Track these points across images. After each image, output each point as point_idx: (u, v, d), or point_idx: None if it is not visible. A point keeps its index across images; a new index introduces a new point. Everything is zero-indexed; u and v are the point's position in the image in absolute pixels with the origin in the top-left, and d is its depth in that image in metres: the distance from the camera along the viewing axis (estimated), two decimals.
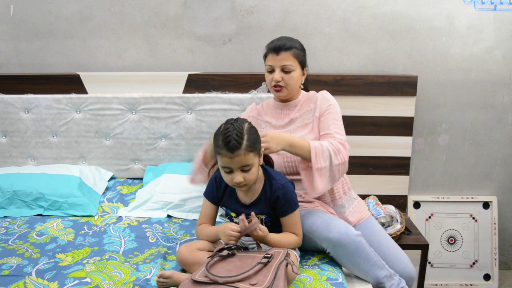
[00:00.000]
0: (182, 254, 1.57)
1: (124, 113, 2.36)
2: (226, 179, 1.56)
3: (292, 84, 1.80)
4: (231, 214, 1.67)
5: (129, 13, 2.40)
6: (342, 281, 1.54)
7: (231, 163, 1.50)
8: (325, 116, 1.81)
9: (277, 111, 1.91)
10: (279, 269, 1.39)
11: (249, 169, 1.52)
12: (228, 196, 1.66)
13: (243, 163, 1.50)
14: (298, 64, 1.81)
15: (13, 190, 2.11)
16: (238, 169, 1.51)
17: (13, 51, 2.46)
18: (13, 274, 1.58)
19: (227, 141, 1.47)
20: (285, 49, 1.78)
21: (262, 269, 1.39)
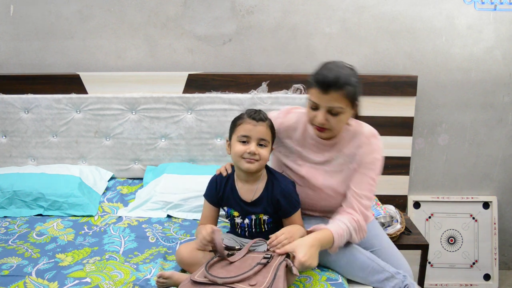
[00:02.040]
0: (182, 254, 1.57)
1: (124, 113, 2.36)
2: (238, 149, 1.56)
3: (339, 128, 1.56)
4: (233, 214, 1.66)
5: (129, 13, 2.40)
6: (342, 282, 1.54)
7: (252, 131, 1.55)
8: (364, 171, 1.61)
9: (314, 142, 1.67)
10: (278, 269, 1.38)
11: (264, 145, 1.57)
12: (230, 194, 1.65)
13: (263, 134, 1.56)
14: (349, 104, 1.50)
15: (13, 190, 2.11)
16: (256, 140, 1.56)
17: (13, 51, 2.46)
18: (13, 274, 1.58)
19: (254, 112, 1.59)
20: (337, 87, 1.46)
21: (262, 270, 1.38)
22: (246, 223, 1.65)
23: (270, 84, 2.35)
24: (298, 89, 2.35)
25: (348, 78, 1.48)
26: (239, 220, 1.65)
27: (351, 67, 1.54)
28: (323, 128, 1.53)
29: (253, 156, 1.54)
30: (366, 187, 1.60)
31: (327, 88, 1.46)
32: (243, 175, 1.63)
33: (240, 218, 1.65)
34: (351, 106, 1.51)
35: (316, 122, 1.52)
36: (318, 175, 1.67)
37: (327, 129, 1.53)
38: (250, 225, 1.65)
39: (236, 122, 1.60)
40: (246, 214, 1.63)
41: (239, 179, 1.65)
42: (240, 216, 1.65)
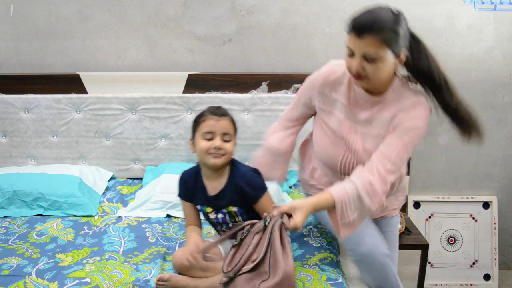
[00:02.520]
0: (178, 259, 1.55)
1: (124, 113, 2.36)
2: (203, 146, 1.59)
3: (378, 77, 1.39)
4: (207, 210, 1.68)
5: (129, 13, 2.40)
6: (342, 281, 1.54)
7: (215, 126, 1.58)
8: (398, 134, 1.44)
9: (358, 96, 1.51)
10: (273, 231, 1.32)
11: (228, 139, 1.60)
12: (200, 192, 1.67)
13: (226, 129, 1.59)
14: (387, 51, 1.35)
15: (13, 190, 2.11)
16: (220, 135, 1.58)
17: (13, 51, 2.45)
18: (13, 274, 1.58)
19: (215, 108, 1.62)
20: (372, 31, 1.33)
21: (261, 239, 1.35)
22: (221, 218, 1.66)
23: (270, 84, 2.35)
24: (298, 89, 2.34)
25: (387, 22, 1.33)
26: (213, 215, 1.67)
27: (396, 12, 1.38)
28: (360, 76, 1.39)
29: (219, 151, 1.57)
30: (395, 150, 1.42)
31: (362, 32, 1.34)
32: (209, 172, 1.65)
33: (214, 213, 1.67)
34: (393, 54, 1.36)
35: (352, 69, 1.39)
36: (357, 136, 1.53)
37: (364, 78, 1.39)
38: (224, 219, 1.67)
39: (199, 119, 1.62)
40: (217, 208, 1.65)
41: (206, 176, 1.67)
42: (213, 212, 1.67)
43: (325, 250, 1.74)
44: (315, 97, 1.61)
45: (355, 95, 1.51)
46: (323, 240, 1.83)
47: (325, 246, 1.78)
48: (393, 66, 1.39)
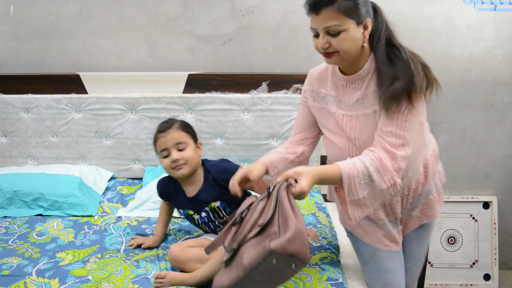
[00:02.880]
0: (174, 253, 1.59)
1: (124, 113, 2.36)
2: (164, 164, 1.66)
3: (345, 49, 1.34)
4: (189, 213, 1.72)
5: (129, 13, 2.40)
6: (342, 281, 1.54)
7: (166, 142, 1.63)
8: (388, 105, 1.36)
9: (342, 83, 1.47)
10: (279, 193, 1.23)
11: (183, 148, 1.63)
12: (180, 197, 1.72)
13: (176, 139, 1.63)
14: (349, 20, 1.32)
15: (13, 190, 2.11)
16: (173, 147, 1.63)
17: (13, 51, 2.45)
18: (13, 274, 1.58)
19: (161, 124, 1.67)
20: (326, 4, 1.32)
21: (267, 204, 1.26)
22: (205, 216, 1.69)
23: (270, 84, 2.35)
24: (298, 89, 2.34)
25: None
26: (196, 216, 1.71)
27: None
28: (329, 53, 1.36)
29: (178, 162, 1.63)
30: (393, 121, 1.34)
31: (317, 8, 1.33)
32: (184, 180, 1.71)
33: (197, 214, 1.70)
34: (354, 22, 1.33)
35: (318, 47, 1.37)
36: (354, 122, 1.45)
37: (334, 53, 1.35)
38: (209, 217, 1.69)
39: (154, 141, 1.69)
40: (199, 208, 1.69)
41: (182, 182, 1.72)
42: (195, 213, 1.70)
43: (325, 250, 1.74)
44: (308, 98, 1.59)
45: (340, 82, 1.47)
46: (323, 239, 1.83)
47: (325, 245, 1.78)
48: (360, 35, 1.35)
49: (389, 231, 1.54)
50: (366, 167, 1.33)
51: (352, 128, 1.45)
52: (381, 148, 1.34)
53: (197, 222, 1.73)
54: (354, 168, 1.33)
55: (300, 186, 1.25)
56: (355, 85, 1.43)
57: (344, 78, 1.44)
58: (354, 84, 1.43)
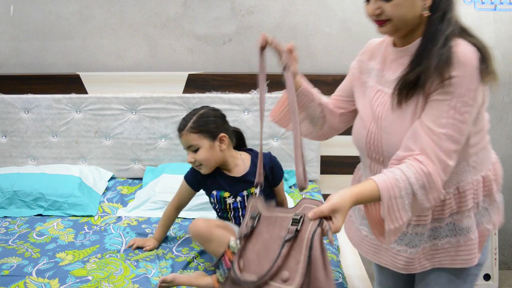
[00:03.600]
0: (199, 226, 1.55)
1: (124, 113, 2.36)
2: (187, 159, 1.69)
3: (400, 15, 1.13)
4: (224, 195, 1.69)
5: (129, 13, 2.40)
6: (342, 282, 1.54)
7: (182, 143, 1.68)
8: (441, 97, 1.10)
9: (391, 57, 1.27)
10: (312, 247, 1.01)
11: (195, 149, 1.64)
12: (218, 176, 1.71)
13: (187, 143, 1.65)
14: None
15: (13, 190, 2.10)
16: (187, 149, 1.66)
17: (13, 51, 2.45)
18: (13, 274, 1.58)
19: (179, 123, 1.69)
20: None
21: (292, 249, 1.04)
22: (239, 201, 1.68)
23: (270, 84, 2.35)
24: None
25: None
26: (230, 200, 1.68)
27: None
28: (381, 21, 1.17)
29: (194, 164, 1.67)
30: (447, 121, 1.09)
31: None
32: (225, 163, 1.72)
33: (232, 197, 1.68)
34: None
35: (369, 13, 1.19)
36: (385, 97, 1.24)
37: (387, 21, 1.16)
38: (242, 203, 1.68)
39: None
40: (237, 192, 1.68)
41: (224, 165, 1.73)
42: (231, 196, 1.68)
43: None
44: (355, 67, 1.42)
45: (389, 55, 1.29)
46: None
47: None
48: (419, 1, 1.13)
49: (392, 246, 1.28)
50: (410, 184, 1.07)
51: (380, 105, 1.24)
52: (434, 157, 1.09)
53: (228, 207, 1.70)
54: (396, 186, 1.07)
55: (335, 227, 1.03)
56: (401, 60, 1.22)
57: (394, 51, 1.26)
58: (401, 59, 1.22)
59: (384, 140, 1.21)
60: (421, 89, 1.12)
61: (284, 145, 2.37)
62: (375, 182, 1.08)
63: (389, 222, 1.08)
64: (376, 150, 1.24)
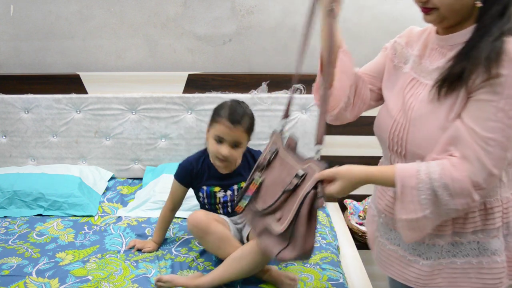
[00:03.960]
0: (199, 218, 1.55)
1: (124, 113, 2.36)
2: (212, 148, 1.62)
3: (448, 4, 1.03)
4: (214, 190, 1.69)
5: (129, 13, 2.40)
6: (342, 282, 1.54)
7: (228, 134, 1.59)
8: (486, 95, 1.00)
9: (433, 45, 1.17)
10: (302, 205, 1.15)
11: (238, 147, 1.62)
12: (207, 172, 1.70)
13: (237, 138, 1.60)
14: None
15: (13, 190, 2.11)
16: (229, 142, 1.60)
17: (13, 51, 2.45)
18: (13, 274, 1.58)
19: (232, 112, 1.59)
20: None
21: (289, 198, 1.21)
22: (229, 195, 1.69)
23: (270, 84, 2.35)
24: (298, 89, 2.35)
25: None
26: (221, 194, 1.69)
27: None
28: (427, 9, 1.07)
29: (223, 159, 1.62)
30: (495, 125, 0.99)
31: None
32: None
33: (222, 191, 1.69)
34: None
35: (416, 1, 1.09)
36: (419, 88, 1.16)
37: (433, 9, 1.06)
38: (232, 196, 1.70)
39: (215, 117, 1.63)
40: (227, 186, 1.68)
41: None
42: (221, 190, 1.69)
43: (325, 250, 1.74)
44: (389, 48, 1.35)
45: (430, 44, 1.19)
46: (323, 239, 1.83)
47: (325, 246, 1.78)
48: None
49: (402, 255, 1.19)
50: (431, 180, 1.02)
51: (413, 96, 1.15)
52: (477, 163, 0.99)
53: (218, 200, 1.71)
54: (414, 177, 1.03)
55: (328, 190, 1.10)
56: (443, 50, 1.12)
57: (436, 39, 1.15)
58: (443, 48, 1.13)
59: (410, 132, 1.12)
60: (464, 84, 1.02)
61: None
62: (395, 168, 1.07)
63: (401, 211, 1.06)
64: (400, 142, 1.16)
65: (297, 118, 2.33)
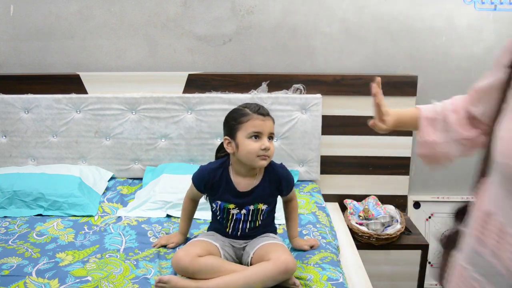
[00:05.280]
0: (183, 263, 1.50)
1: (124, 113, 2.36)
2: (252, 148, 1.53)
3: None
4: (229, 206, 1.62)
5: (129, 13, 2.40)
6: (342, 282, 1.54)
7: (263, 126, 1.54)
8: None
9: None
10: None
11: (272, 139, 1.59)
12: (225, 188, 1.62)
13: (272, 128, 1.57)
14: None
15: (13, 190, 2.10)
16: (267, 135, 1.55)
17: (13, 51, 2.45)
18: (13, 274, 1.58)
19: (257, 107, 1.58)
20: None
21: None
22: (243, 214, 1.62)
23: (270, 84, 2.35)
24: (298, 89, 2.35)
25: None
26: (235, 211, 1.63)
27: None
28: None
29: (267, 152, 1.54)
30: None
31: None
32: (244, 170, 1.61)
33: (237, 209, 1.62)
34: None
35: None
36: None
37: None
38: (246, 215, 1.63)
39: (241, 118, 1.56)
40: (243, 205, 1.62)
41: (238, 173, 1.62)
42: (236, 207, 1.62)
43: (325, 250, 1.74)
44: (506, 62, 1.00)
45: None
46: (323, 239, 1.83)
47: (325, 245, 1.78)
48: None
49: None
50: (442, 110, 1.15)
51: None
52: None
53: (231, 217, 1.63)
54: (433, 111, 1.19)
55: None
56: None
57: None
58: None
59: None
60: None
61: (284, 145, 2.37)
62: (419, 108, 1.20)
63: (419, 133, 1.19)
64: None
65: (297, 118, 2.33)
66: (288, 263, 1.46)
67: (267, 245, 1.58)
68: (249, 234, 1.65)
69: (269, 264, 1.47)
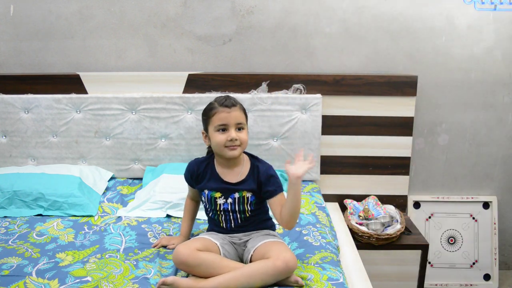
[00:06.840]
0: (182, 256, 1.52)
1: (124, 113, 2.36)
2: (219, 140, 1.61)
3: None
4: (215, 196, 1.67)
5: (129, 13, 2.40)
6: (342, 281, 1.54)
7: (228, 118, 1.59)
8: None
9: None
10: None
11: (242, 128, 1.62)
12: (211, 178, 1.69)
13: (238, 119, 1.61)
14: None
15: (13, 190, 2.10)
16: (233, 126, 1.60)
17: (13, 51, 2.45)
18: (13, 274, 1.58)
19: (223, 99, 1.62)
20: None
21: None
22: (230, 203, 1.66)
23: (270, 84, 2.35)
24: (298, 89, 2.35)
25: None
26: (221, 201, 1.67)
27: None
28: None
29: (235, 142, 1.60)
30: None
31: None
32: (225, 162, 1.68)
33: (223, 198, 1.67)
34: None
35: None
36: None
37: None
38: (233, 205, 1.66)
39: (209, 113, 1.63)
40: (229, 193, 1.66)
41: (220, 164, 1.70)
42: (222, 197, 1.67)
43: (325, 250, 1.74)
44: None
45: None
46: (323, 239, 1.83)
47: (325, 245, 1.78)
48: None
49: None
50: None
51: None
52: None
53: (218, 207, 1.67)
54: None
55: None
56: None
57: None
58: None
59: None
60: None
61: (284, 145, 2.37)
62: None
63: None
64: None
65: (297, 118, 2.33)
66: (288, 260, 1.47)
67: (267, 243, 1.58)
68: (242, 225, 1.67)
69: (269, 262, 1.47)
